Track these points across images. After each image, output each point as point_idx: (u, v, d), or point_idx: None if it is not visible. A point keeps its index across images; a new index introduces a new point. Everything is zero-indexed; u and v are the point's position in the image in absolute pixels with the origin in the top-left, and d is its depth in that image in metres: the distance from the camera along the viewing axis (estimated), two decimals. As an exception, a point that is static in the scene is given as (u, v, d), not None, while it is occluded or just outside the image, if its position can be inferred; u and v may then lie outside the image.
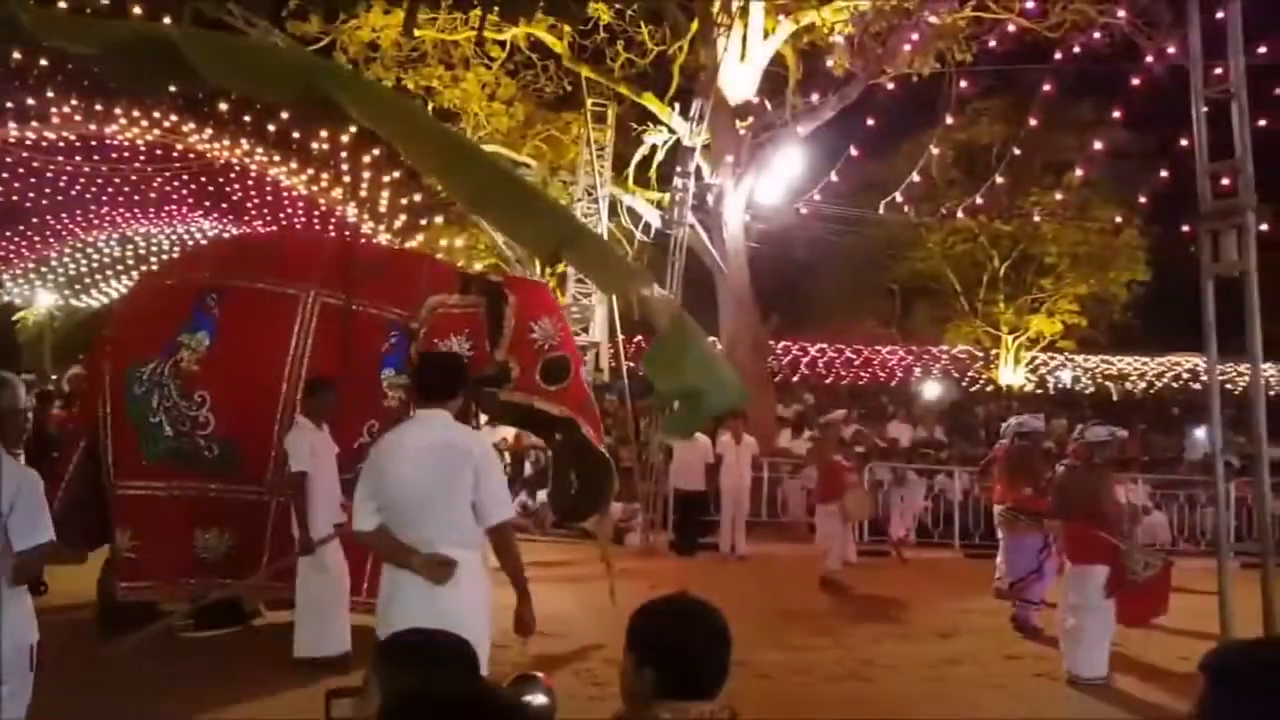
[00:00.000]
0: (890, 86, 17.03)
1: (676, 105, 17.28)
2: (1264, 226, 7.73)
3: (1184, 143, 7.63)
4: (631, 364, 16.17)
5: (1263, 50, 14.40)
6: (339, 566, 6.70)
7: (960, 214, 22.88)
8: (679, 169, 15.58)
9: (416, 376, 4.63)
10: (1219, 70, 7.26)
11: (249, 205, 22.02)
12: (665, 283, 14.95)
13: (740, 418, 13.07)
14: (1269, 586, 6.62)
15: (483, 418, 8.18)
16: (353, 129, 16.45)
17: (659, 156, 18.54)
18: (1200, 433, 19.21)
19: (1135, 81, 16.27)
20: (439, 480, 4.04)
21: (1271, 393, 28.18)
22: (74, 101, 16.39)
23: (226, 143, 18.59)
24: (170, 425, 7.10)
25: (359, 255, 8.64)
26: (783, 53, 17.39)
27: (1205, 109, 7.19)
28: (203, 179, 20.49)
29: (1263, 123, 12.75)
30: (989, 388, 29.95)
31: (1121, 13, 15.54)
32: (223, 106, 17.19)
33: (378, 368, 7.31)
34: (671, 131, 17.50)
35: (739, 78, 16.63)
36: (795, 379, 29.48)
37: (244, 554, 7.16)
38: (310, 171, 19.73)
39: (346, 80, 4.81)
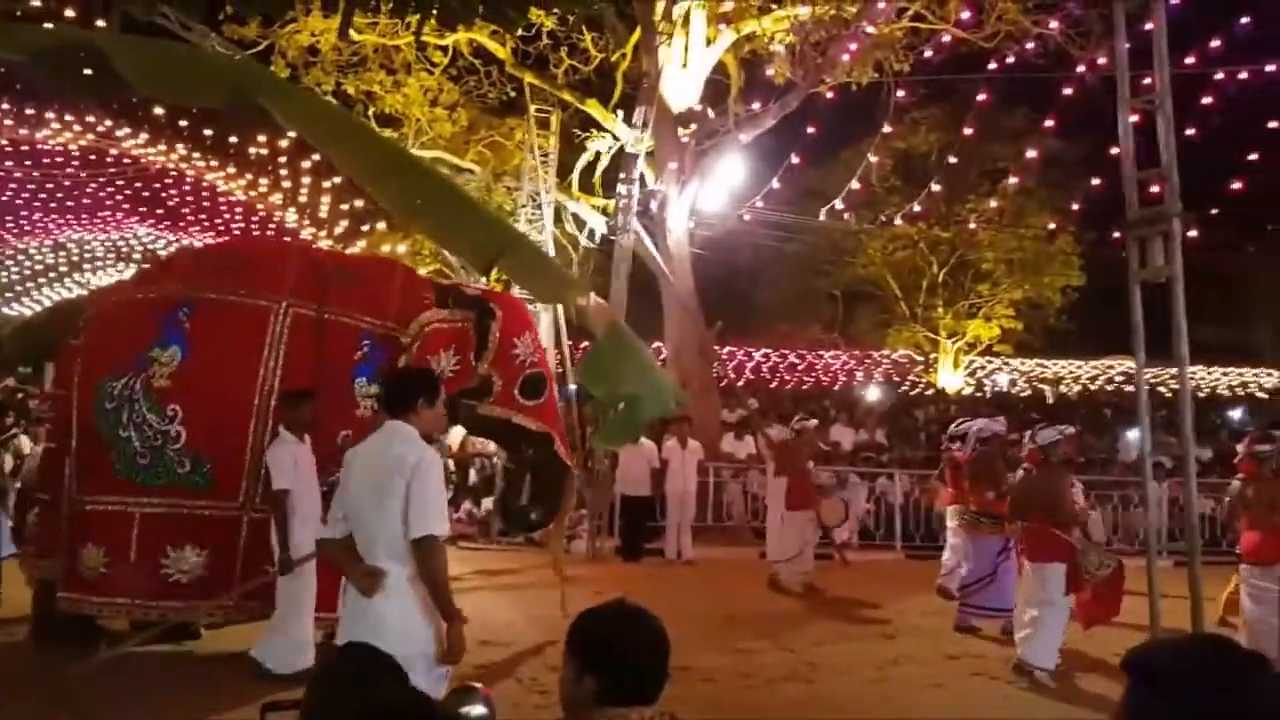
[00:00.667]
0: (830, 95, 17.24)
1: (620, 112, 17.29)
2: (1191, 233, 7.90)
3: (1114, 151, 7.78)
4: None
5: (1190, 61, 14.84)
6: (310, 581, 6.61)
7: (899, 221, 23.25)
8: (623, 175, 15.58)
9: (381, 390, 4.66)
10: (1147, 80, 7.44)
11: (185, 211, 21.72)
12: (610, 289, 14.95)
13: (685, 422, 13.11)
14: (1196, 585, 6.79)
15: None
16: (292, 134, 16.27)
17: (603, 163, 18.51)
18: (1133, 434, 19.57)
19: (1067, 91, 16.66)
20: (376, 491, 4.04)
21: (1202, 394, 28.95)
22: (4, 106, 16.05)
23: (162, 148, 18.32)
24: (140, 441, 6.98)
25: (330, 264, 8.55)
26: (724, 61, 17.50)
27: (1134, 118, 7.36)
28: (138, 184, 20.17)
29: (1190, 132, 13.16)
30: (928, 391, 30.33)
31: (1054, 23, 15.89)
32: (158, 111, 16.93)
33: (350, 377, 7.26)
34: (615, 138, 17.49)
35: (681, 85, 16.71)
36: (740, 384, 29.60)
37: (217, 572, 7.01)
38: (248, 177, 19.51)
39: (276, 86, 4.73)
